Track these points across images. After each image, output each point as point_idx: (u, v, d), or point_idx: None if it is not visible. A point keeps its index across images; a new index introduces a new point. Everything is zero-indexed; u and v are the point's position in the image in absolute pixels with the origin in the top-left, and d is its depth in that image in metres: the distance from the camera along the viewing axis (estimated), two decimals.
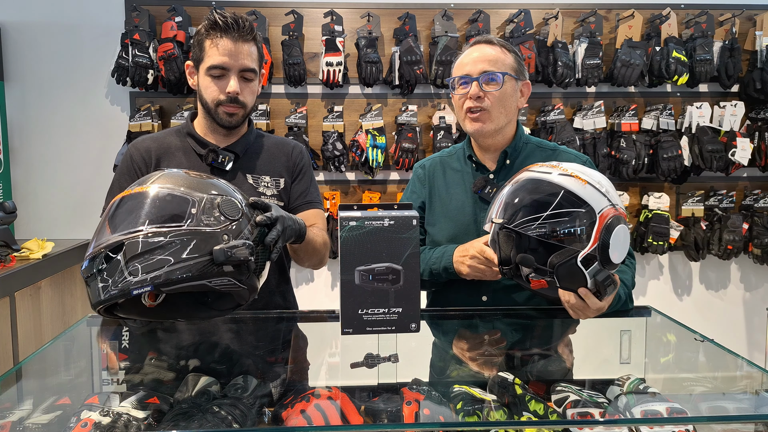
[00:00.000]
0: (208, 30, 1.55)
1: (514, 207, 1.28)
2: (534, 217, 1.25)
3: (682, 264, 3.56)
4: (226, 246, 1.05)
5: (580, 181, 1.26)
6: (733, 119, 3.31)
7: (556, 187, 1.26)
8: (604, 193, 1.26)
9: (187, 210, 1.06)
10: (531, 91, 1.67)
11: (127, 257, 1.00)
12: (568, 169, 1.29)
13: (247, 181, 1.65)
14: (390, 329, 1.23)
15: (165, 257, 1.01)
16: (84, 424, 0.94)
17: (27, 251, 2.74)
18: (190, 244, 1.03)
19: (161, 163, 1.63)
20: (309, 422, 0.99)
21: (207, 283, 1.05)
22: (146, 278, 1.00)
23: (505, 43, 1.63)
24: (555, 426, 1.07)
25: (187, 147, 1.66)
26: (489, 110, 1.57)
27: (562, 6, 3.34)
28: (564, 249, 1.23)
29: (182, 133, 1.69)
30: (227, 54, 1.54)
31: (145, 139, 1.68)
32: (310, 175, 1.77)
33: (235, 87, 1.55)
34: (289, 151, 1.74)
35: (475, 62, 1.58)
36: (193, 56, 1.61)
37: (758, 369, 1.22)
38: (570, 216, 1.23)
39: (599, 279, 1.25)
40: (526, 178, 1.32)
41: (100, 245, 1.03)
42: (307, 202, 1.72)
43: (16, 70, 3.22)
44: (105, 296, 1.00)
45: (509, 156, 1.65)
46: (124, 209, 1.07)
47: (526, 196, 1.28)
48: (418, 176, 1.77)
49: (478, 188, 1.62)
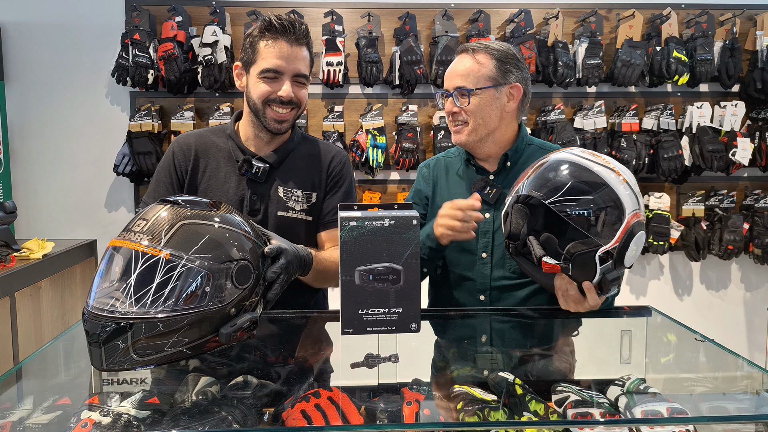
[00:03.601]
0: (263, 31, 1.52)
1: (548, 184, 1.28)
2: (571, 199, 1.25)
3: (682, 264, 3.55)
4: (233, 329, 1.08)
5: (621, 178, 1.26)
6: (733, 119, 3.31)
7: (597, 177, 1.26)
8: (636, 195, 1.27)
9: (202, 288, 1.05)
10: (523, 91, 1.62)
11: (135, 337, 1.02)
12: (610, 163, 1.29)
13: (278, 193, 1.62)
14: (390, 329, 1.23)
15: (175, 339, 1.04)
16: (84, 424, 0.94)
17: (27, 251, 2.74)
18: (200, 325, 1.05)
19: (200, 161, 1.62)
20: (309, 422, 0.99)
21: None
22: (152, 359, 1.04)
23: (488, 47, 1.61)
24: (555, 426, 1.06)
25: (226, 149, 1.64)
26: (467, 122, 1.59)
27: (562, 6, 3.33)
28: (588, 239, 1.23)
29: (225, 134, 1.67)
30: (283, 57, 1.51)
31: (189, 135, 1.67)
32: (347, 188, 1.69)
33: (289, 90, 1.53)
34: (328, 161, 1.68)
35: (450, 77, 1.62)
36: (243, 58, 1.57)
37: (759, 369, 1.22)
38: (605, 210, 1.24)
39: (608, 277, 1.26)
40: (566, 160, 1.30)
41: (112, 313, 1.03)
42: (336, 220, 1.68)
43: (16, 70, 3.22)
44: (107, 367, 1.04)
45: (510, 158, 1.64)
46: (144, 273, 1.05)
47: (565, 177, 1.27)
48: (423, 175, 1.79)
49: (477, 188, 1.62)
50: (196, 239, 1.07)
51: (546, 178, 1.29)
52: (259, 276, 1.13)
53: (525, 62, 1.67)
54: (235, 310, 1.09)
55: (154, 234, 1.06)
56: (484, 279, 1.61)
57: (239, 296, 1.09)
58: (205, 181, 1.62)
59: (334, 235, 1.59)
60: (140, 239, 1.06)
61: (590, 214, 1.24)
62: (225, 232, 1.11)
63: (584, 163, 1.28)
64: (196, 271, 1.05)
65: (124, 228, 1.11)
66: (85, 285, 3.08)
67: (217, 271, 1.06)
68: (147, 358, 1.04)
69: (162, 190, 1.62)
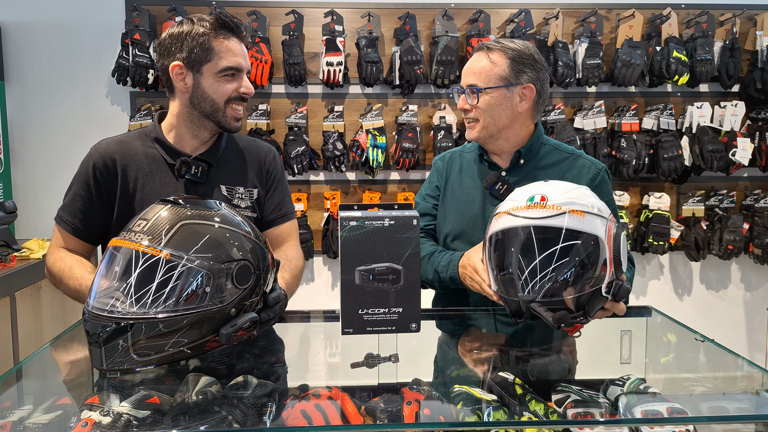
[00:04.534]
0: (216, 30, 1.50)
1: (528, 273, 1.19)
2: (560, 279, 1.18)
3: (682, 264, 3.55)
4: (233, 329, 1.08)
5: (579, 215, 1.18)
6: (733, 119, 3.31)
7: (566, 234, 1.17)
8: (599, 214, 1.20)
9: (202, 288, 1.05)
10: (537, 91, 1.61)
11: (135, 337, 1.03)
12: (561, 206, 1.19)
13: (222, 192, 1.57)
14: (390, 329, 1.23)
15: (175, 339, 1.04)
16: (84, 424, 0.94)
17: (27, 251, 2.75)
18: (200, 326, 1.05)
19: (128, 172, 1.54)
20: (309, 422, 0.99)
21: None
22: (152, 359, 1.04)
23: (504, 46, 1.60)
24: (555, 426, 1.06)
25: (154, 155, 1.55)
26: (479, 119, 1.61)
27: (562, 6, 3.33)
28: (589, 291, 1.19)
29: (148, 137, 1.58)
30: (240, 55, 1.52)
31: (109, 144, 1.57)
32: (284, 182, 1.69)
33: (250, 86, 1.54)
34: (261, 157, 1.66)
35: (465, 74, 1.63)
36: (188, 57, 1.49)
37: (759, 369, 1.22)
38: (586, 258, 1.17)
39: (620, 294, 1.23)
40: (522, 233, 1.20)
41: (112, 313, 1.04)
42: (283, 215, 1.66)
43: (16, 70, 3.22)
44: (107, 366, 1.04)
45: (523, 156, 1.65)
46: (144, 273, 1.04)
47: (536, 253, 1.18)
48: (437, 167, 1.81)
49: (489, 184, 1.63)
50: (196, 239, 1.07)
51: (523, 271, 1.20)
52: (259, 276, 1.13)
53: (544, 62, 1.65)
54: (236, 310, 1.09)
55: (155, 234, 1.06)
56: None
57: (239, 296, 1.09)
58: (140, 191, 1.53)
59: (281, 231, 1.65)
60: (140, 239, 1.06)
61: (576, 275, 1.18)
62: (225, 232, 1.11)
63: (539, 224, 1.19)
64: (196, 271, 1.05)
65: (124, 227, 1.11)
66: None
67: (217, 271, 1.06)
68: (147, 358, 1.04)
69: (79, 204, 1.55)
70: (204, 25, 1.51)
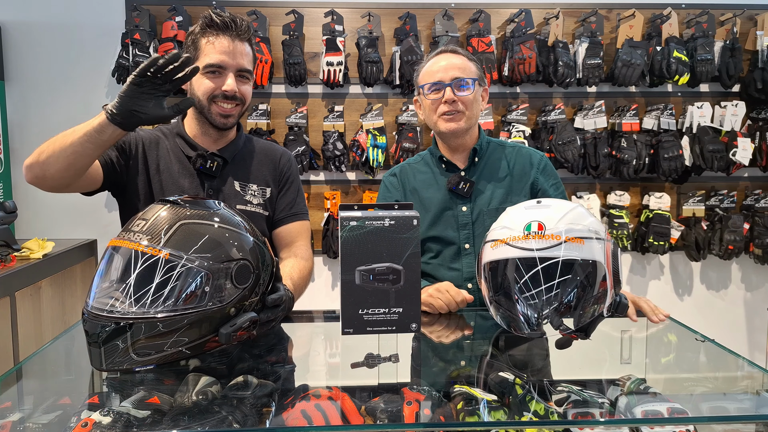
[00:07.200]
0: (205, 28, 1.52)
1: (530, 305, 1.21)
2: (561, 307, 1.20)
3: (682, 264, 3.55)
4: (232, 329, 1.08)
5: (578, 243, 1.17)
6: (734, 119, 3.31)
7: (565, 264, 1.17)
8: (597, 237, 1.20)
9: (202, 288, 1.05)
10: (488, 94, 1.82)
11: (134, 337, 1.03)
12: (560, 235, 1.17)
13: (235, 187, 1.62)
14: (390, 329, 1.23)
15: (174, 339, 1.05)
16: (84, 424, 0.94)
17: (27, 251, 2.74)
18: (200, 325, 1.06)
19: (148, 155, 1.60)
20: (309, 422, 0.99)
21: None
22: (152, 359, 1.05)
23: (466, 52, 1.77)
24: (555, 426, 1.06)
25: (175, 147, 1.63)
26: (462, 112, 1.70)
27: (562, 6, 3.33)
28: (591, 314, 1.21)
29: (172, 133, 1.65)
30: (225, 53, 1.52)
31: (139, 130, 1.62)
32: (298, 184, 1.74)
33: (233, 85, 1.53)
34: (276, 158, 1.71)
35: (446, 70, 1.71)
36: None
37: (759, 369, 1.22)
38: (586, 282, 1.19)
39: (620, 310, 1.27)
40: (521, 265, 1.20)
41: (111, 312, 1.04)
42: (293, 214, 1.70)
43: (16, 70, 3.22)
44: (107, 367, 1.05)
45: (478, 154, 1.78)
46: (144, 273, 1.05)
47: (539, 283, 1.19)
48: (391, 183, 1.84)
49: (452, 184, 1.73)
50: (195, 239, 1.07)
51: (541, 297, 1.21)
52: (259, 276, 1.12)
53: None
54: (235, 310, 1.09)
55: (154, 234, 1.06)
56: (469, 268, 1.73)
57: (239, 296, 1.09)
58: (158, 176, 1.60)
59: (290, 230, 1.68)
60: (140, 239, 1.06)
61: (584, 302, 1.20)
62: (224, 231, 1.11)
63: (551, 255, 1.18)
64: (195, 270, 1.05)
65: (123, 228, 1.11)
66: (85, 285, 3.07)
67: (216, 271, 1.06)
68: (147, 358, 1.04)
69: (115, 146, 1.58)
70: (199, 23, 1.55)
